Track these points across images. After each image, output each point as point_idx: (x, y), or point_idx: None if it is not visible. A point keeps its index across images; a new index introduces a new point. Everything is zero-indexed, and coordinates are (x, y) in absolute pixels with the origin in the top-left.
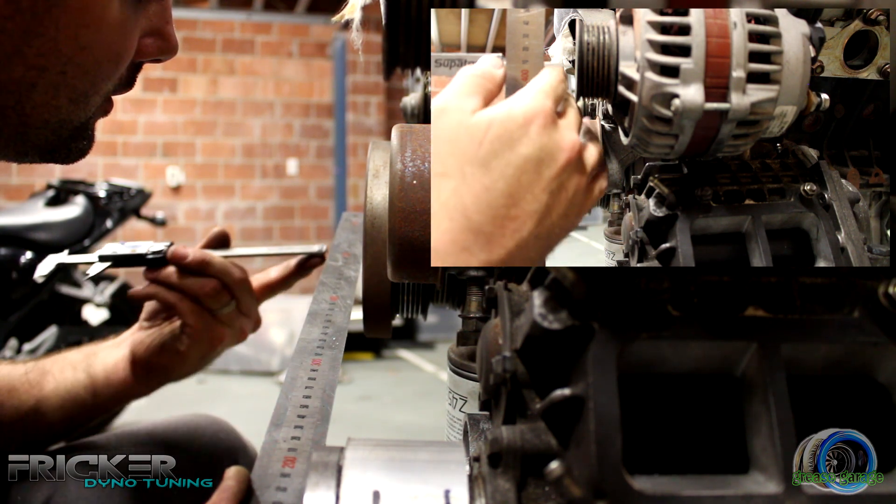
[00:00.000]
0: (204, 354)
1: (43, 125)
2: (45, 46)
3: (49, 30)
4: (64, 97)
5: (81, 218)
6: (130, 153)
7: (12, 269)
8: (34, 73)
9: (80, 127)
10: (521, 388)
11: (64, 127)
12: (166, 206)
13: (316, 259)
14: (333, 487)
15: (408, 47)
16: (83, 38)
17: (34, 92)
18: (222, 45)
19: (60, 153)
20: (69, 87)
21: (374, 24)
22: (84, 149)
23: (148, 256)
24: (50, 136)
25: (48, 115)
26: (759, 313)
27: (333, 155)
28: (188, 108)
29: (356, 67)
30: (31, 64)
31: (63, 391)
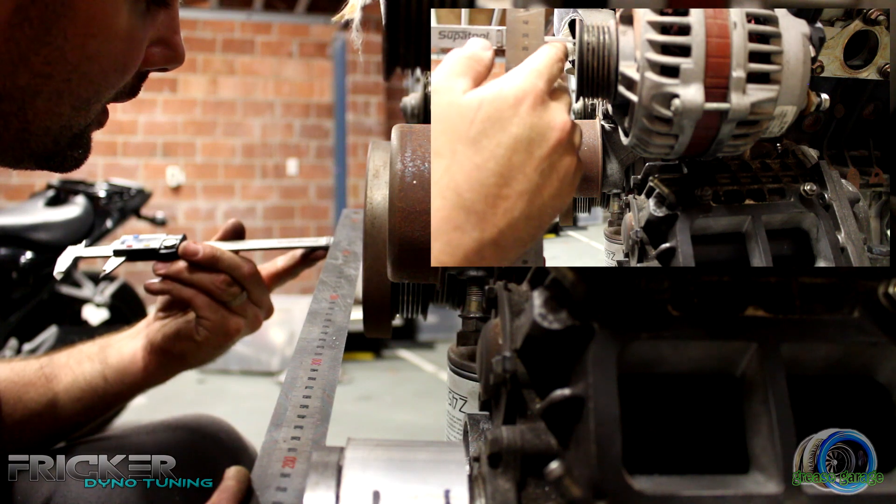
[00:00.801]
0: (221, 344)
1: (44, 132)
2: (51, 55)
3: (57, 39)
4: (67, 104)
5: (81, 218)
6: (130, 153)
7: (12, 269)
8: (39, 81)
9: (78, 135)
10: (521, 388)
11: (64, 134)
12: (166, 206)
13: (321, 251)
14: (333, 487)
15: (408, 47)
16: (90, 47)
17: (38, 99)
18: (222, 45)
19: (57, 161)
20: (73, 94)
21: (374, 24)
22: (80, 158)
23: (161, 251)
24: (49, 144)
25: (50, 122)
26: (759, 313)
27: (333, 155)
28: (188, 108)
29: (356, 67)
30: (37, 72)
31: (80, 383)
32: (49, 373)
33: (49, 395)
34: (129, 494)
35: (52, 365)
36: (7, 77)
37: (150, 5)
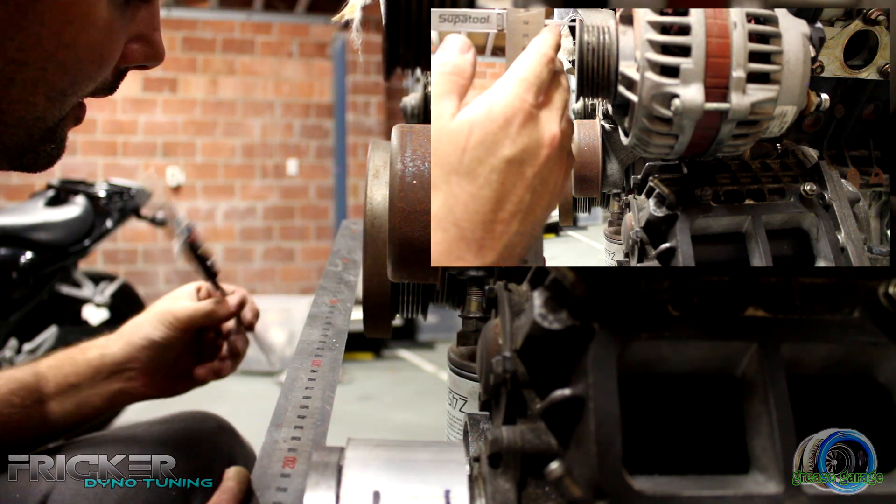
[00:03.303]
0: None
1: (17, 123)
2: (27, 41)
3: (32, 24)
4: (41, 94)
5: (81, 218)
6: (130, 153)
7: (12, 269)
8: (13, 68)
9: (52, 129)
10: (521, 388)
11: (37, 126)
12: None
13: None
14: (333, 487)
15: (408, 47)
16: (67, 35)
17: (12, 87)
18: (222, 45)
19: (29, 157)
20: (48, 84)
21: (374, 24)
22: (53, 154)
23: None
24: (23, 137)
25: (24, 112)
26: (759, 313)
27: (333, 155)
28: (188, 108)
29: (356, 67)
30: (11, 58)
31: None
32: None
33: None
34: (124, 493)
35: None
36: None
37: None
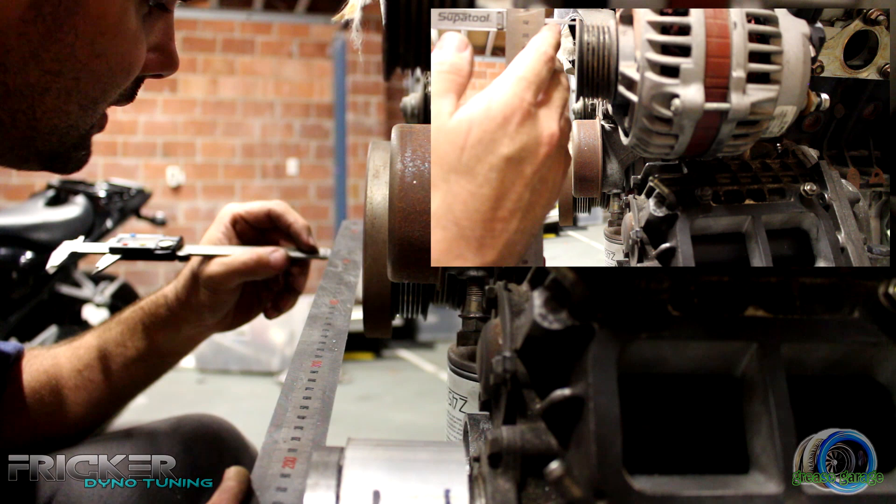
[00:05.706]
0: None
1: (51, 130)
2: (62, 52)
3: (68, 36)
4: (74, 103)
5: (81, 218)
6: (130, 153)
7: (12, 269)
8: (48, 78)
9: (83, 136)
10: (521, 388)
11: (70, 134)
12: (166, 206)
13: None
14: (333, 487)
15: (408, 47)
16: (99, 45)
17: (47, 96)
18: (222, 45)
19: (60, 161)
20: (81, 93)
21: (374, 24)
22: (82, 159)
23: (157, 251)
24: (55, 143)
25: (58, 121)
26: (759, 313)
27: (333, 155)
28: (188, 108)
29: (356, 67)
30: (47, 69)
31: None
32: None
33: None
34: (130, 494)
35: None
36: (17, 73)
37: (151, 10)
